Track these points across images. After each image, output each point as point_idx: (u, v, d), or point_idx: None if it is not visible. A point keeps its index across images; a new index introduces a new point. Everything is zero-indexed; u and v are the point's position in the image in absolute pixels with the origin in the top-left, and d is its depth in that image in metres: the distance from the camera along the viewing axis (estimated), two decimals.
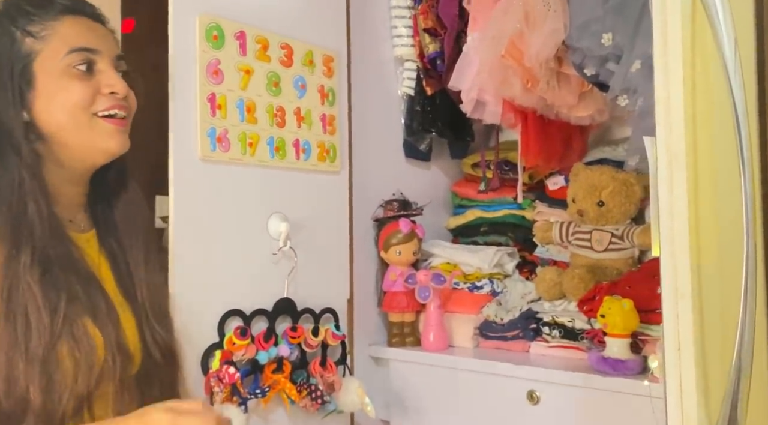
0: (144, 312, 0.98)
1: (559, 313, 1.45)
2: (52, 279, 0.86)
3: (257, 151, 1.32)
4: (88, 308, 0.89)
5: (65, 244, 0.91)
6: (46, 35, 0.92)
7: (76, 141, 0.94)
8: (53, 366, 0.82)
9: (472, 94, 1.43)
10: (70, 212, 0.97)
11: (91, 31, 0.96)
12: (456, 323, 1.60)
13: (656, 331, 1.26)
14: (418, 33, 1.65)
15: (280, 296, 1.33)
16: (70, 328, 0.85)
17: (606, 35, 1.16)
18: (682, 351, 0.64)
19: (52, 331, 0.83)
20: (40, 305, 0.83)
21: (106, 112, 0.94)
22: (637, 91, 1.17)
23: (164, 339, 0.99)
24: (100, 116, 0.94)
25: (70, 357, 0.84)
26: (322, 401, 1.32)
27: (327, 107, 1.47)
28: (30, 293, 0.83)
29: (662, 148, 0.66)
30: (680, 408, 0.65)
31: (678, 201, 0.65)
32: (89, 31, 0.96)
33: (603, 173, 1.44)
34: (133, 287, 0.99)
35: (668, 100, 0.65)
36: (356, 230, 1.57)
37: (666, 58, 0.64)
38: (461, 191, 1.84)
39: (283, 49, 1.38)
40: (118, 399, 0.91)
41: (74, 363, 0.84)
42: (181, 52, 1.20)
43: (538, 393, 1.33)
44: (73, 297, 0.87)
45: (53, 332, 0.83)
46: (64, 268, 0.88)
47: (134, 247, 1.02)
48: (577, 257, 1.50)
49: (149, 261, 1.02)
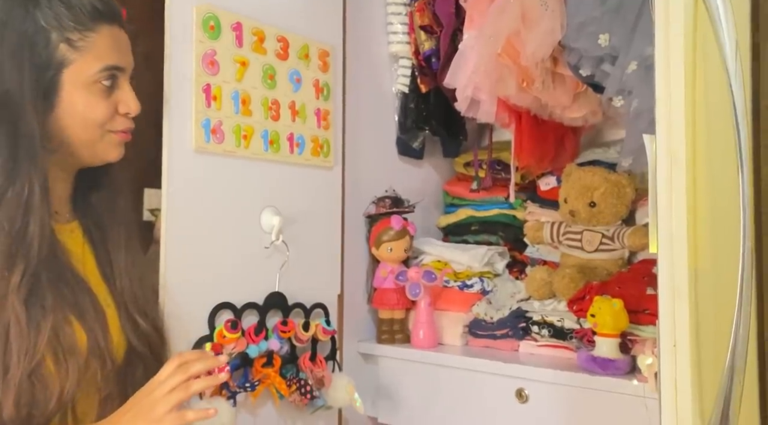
0: (123, 302, 0.97)
1: (549, 312, 1.46)
2: (39, 293, 0.84)
3: (251, 144, 1.31)
4: (75, 311, 0.88)
5: (57, 256, 0.90)
6: (82, 46, 0.91)
7: (84, 152, 0.95)
8: (36, 383, 0.81)
9: (467, 93, 1.43)
10: (57, 204, 0.96)
11: (121, 46, 0.97)
12: (446, 321, 1.60)
13: (645, 331, 1.27)
14: (414, 30, 1.65)
15: (271, 290, 1.33)
16: (56, 340, 0.84)
17: (603, 36, 1.17)
18: (677, 348, 0.65)
19: (35, 351, 0.81)
20: (23, 326, 0.82)
21: (118, 128, 0.97)
22: (632, 93, 1.18)
23: (145, 329, 0.98)
24: (113, 132, 0.97)
25: (55, 368, 0.83)
26: (311, 396, 1.32)
27: (322, 101, 1.47)
28: (14, 313, 0.81)
29: (662, 147, 0.66)
30: (675, 406, 0.65)
31: (677, 200, 0.66)
32: (119, 44, 0.96)
33: (595, 173, 1.45)
34: (113, 277, 0.99)
35: (669, 99, 0.65)
36: (348, 226, 1.56)
37: (668, 57, 0.65)
38: (453, 189, 1.84)
39: (279, 41, 1.37)
40: (101, 394, 0.91)
41: (60, 373, 0.83)
42: (177, 41, 1.19)
43: (527, 392, 1.33)
44: (60, 304, 0.86)
45: (36, 351, 0.82)
46: (53, 278, 0.87)
47: (115, 236, 1.01)
48: (568, 257, 1.51)
49: (130, 250, 1.02)
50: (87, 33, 0.91)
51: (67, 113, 0.91)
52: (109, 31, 0.94)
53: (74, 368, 0.84)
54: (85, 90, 0.91)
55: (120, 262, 1.00)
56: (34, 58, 0.88)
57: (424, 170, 1.83)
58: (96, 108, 0.93)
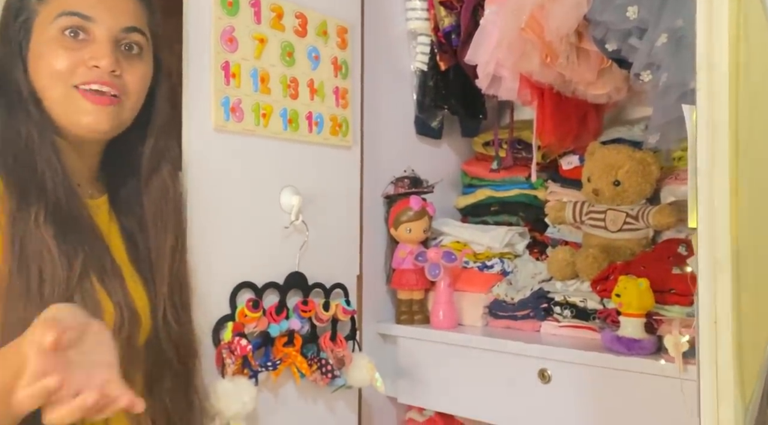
0: (162, 300, 0.95)
1: (571, 293, 1.44)
2: (66, 235, 0.83)
3: (270, 122, 1.30)
4: (97, 267, 0.86)
5: (77, 203, 0.88)
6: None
7: (57, 111, 0.89)
8: None
9: (489, 69, 1.40)
10: (79, 178, 0.94)
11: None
12: (465, 302, 1.58)
13: (670, 311, 1.25)
14: (434, 6, 1.61)
15: (292, 270, 1.32)
16: (84, 284, 0.82)
17: (631, 8, 1.13)
18: (718, 324, 0.63)
19: (67, 286, 0.80)
20: (56, 258, 0.80)
21: (85, 86, 0.88)
22: (660, 67, 1.14)
23: (178, 330, 0.96)
24: (80, 90, 0.88)
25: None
26: (332, 375, 1.31)
27: (340, 79, 1.44)
28: (45, 246, 0.80)
29: (703, 117, 0.64)
30: (715, 386, 0.63)
31: (719, 172, 0.63)
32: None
33: (620, 151, 1.42)
34: (152, 273, 0.96)
35: (711, 66, 0.63)
36: (366, 206, 1.55)
37: (710, 20, 0.62)
38: (472, 169, 1.82)
39: (297, 18, 1.35)
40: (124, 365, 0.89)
41: None
42: (195, 18, 1.17)
43: (550, 372, 1.32)
44: (84, 255, 0.84)
45: (68, 286, 0.80)
46: (75, 226, 0.85)
47: (161, 233, 0.98)
48: (591, 237, 1.49)
49: (177, 250, 0.99)
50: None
51: (35, 64, 0.88)
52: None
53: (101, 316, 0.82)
54: (48, 40, 0.87)
55: (164, 263, 0.96)
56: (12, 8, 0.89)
57: (443, 149, 1.81)
58: (54, 57, 0.87)
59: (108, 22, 0.90)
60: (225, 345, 1.17)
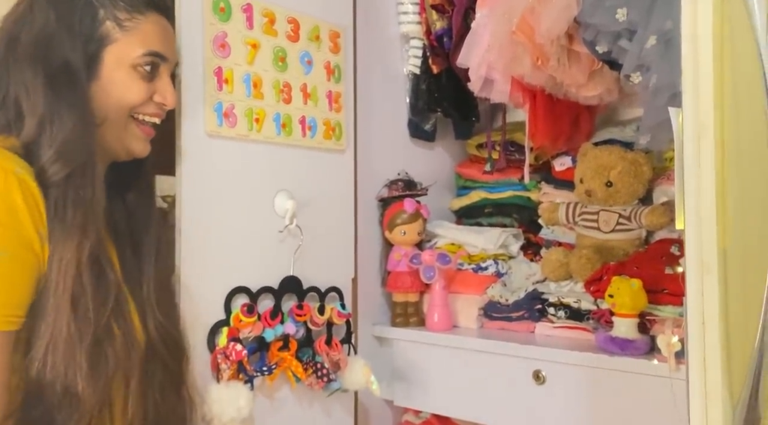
0: (150, 306, 0.98)
1: (565, 294, 1.45)
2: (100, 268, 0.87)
3: (263, 127, 1.30)
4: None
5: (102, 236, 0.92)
6: (129, 27, 0.93)
7: (111, 136, 0.95)
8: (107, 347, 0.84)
9: (481, 72, 1.41)
10: None
11: (166, 35, 1.00)
12: (460, 304, 1.59)
13: (663, 311, 1.26)
14: (425, 10, 1.62)
15: (286, 274, 1.32)
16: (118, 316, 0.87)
17: (620, 10, 1.14)
18: (706, 325, 0.63)
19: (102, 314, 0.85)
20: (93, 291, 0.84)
21: (146, 117, 0.98)
22: (650, 69, 1.15)
23: (169, 332, 0.99)
24: (136, 118, 0.97)
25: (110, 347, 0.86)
26: (327, 379, 1.32)
27: (333, 83, 1.45)
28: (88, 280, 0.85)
29: (689, 119, 0.64)
30: (703, 386, 0.64)
31: (705, 174, 0.64)
32: (165, 34, 0.99)
33: (612, 152, 1.43)
34: (140, 279, 0.99)
35: (696, 68, 0.63)
36: (360, 209, 1.55)
37: (695, 25, 0.63)
38: (465, 172, 1.83)
39: (289, 23, 1.35)
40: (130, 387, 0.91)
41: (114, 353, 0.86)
42: (188, 23, 1.17)
43: (545, 373, 1.33)
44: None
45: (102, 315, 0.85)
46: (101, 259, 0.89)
47: (145, 240, 1.02)
48: (584, 238, 1.50)
49: (159, 255, 1.03)
50: (136, 15, 0.94)
51: (104, 90, 0.93)
52: (158, 19, 0.98)
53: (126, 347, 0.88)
54: (126, 70, 0.94)
55: (149, 268, 1.01)
56: (82, 29, 0.91)
57: (436, 152, 1.82)
58: (132, 89, 0.95)
59: (172, 61, 1.01)
60: (220, 351, 1.18)
